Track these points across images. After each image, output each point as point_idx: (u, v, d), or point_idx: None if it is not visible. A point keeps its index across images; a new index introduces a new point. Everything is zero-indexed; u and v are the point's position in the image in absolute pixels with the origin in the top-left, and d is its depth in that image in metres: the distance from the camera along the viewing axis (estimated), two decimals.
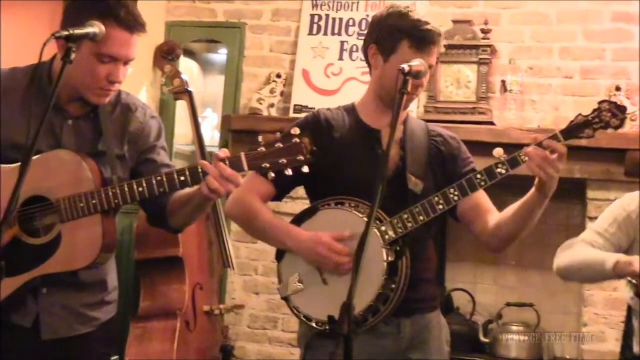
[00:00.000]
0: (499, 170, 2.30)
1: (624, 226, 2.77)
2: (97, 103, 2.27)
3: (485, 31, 4.32)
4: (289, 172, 2.06)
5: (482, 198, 2.49)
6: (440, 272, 4.45)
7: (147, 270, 3.76)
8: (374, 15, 2.56)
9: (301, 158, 2.05)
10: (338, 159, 2.43)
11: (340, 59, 4.56)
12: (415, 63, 2.23)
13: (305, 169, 2.07)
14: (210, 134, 5.02)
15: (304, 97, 4.54)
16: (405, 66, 2.19)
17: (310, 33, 4.63)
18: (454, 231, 4.42)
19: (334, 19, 4.61)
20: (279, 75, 4.60)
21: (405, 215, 2.33)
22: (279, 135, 2.07)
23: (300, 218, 2.45)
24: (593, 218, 4.09)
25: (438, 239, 2.83)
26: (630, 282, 2.73)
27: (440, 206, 2.34)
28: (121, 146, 2.34)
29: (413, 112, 4.02)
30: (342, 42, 4.57)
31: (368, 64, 2.53)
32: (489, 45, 4.29)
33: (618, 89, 4.09)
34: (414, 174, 2.45)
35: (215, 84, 5.14)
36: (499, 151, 2.31)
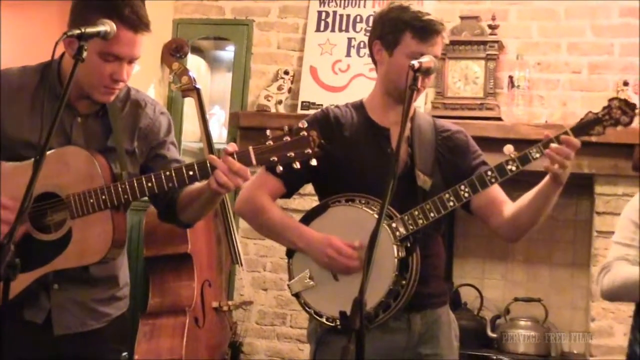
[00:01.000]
0: (510, 167, 2.30)
1: None
2: (103, 101, 2.27)
3: (493, 27, 4.31)
4: (297, 166, 2.07)
5: (496, 191, 2.49)
6: (448, 268, 4.45)
7: (156, 267, 3.77)
8: (377, 12, 2.59)
9: (309, 151, 2.06)
10: (347, 156, 2.44)
11: (348, 55, 4.56)
12: (426, 59, 2.24)
13: (314, 162, 2.07)
14: (218, 131, 5.02)
15: (311, 94, 4.54)
16: (416, 62, 2.19)
17: (318, 30, 4.63)
18: (462, 227, 4.42)
19: (342, 16, 4.61)
20: (286, 72, 4.60)
21: (416, 212, 2.34)
22: (287, 129, 2.08)
23: (311, 215, 2.46)
24: (601, 213, 4.09)
25: (446, 235, 2.84)
26: None
27: (451, 203, 2.34)
28: (131, 142, 2.34)
29: (421, 108, 4.01)
30: (350, 39, 4.57)
31: (374, 61, 2.53)
32: (496, 41, 4.29)
33: (626, 84, 4.09)
34: (422, 171, 2.45)
35: (223, 81, 5.14)
36: (509, 148, 2.31)
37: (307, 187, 2.61)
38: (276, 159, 2.06)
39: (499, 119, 4.22)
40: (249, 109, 4.67)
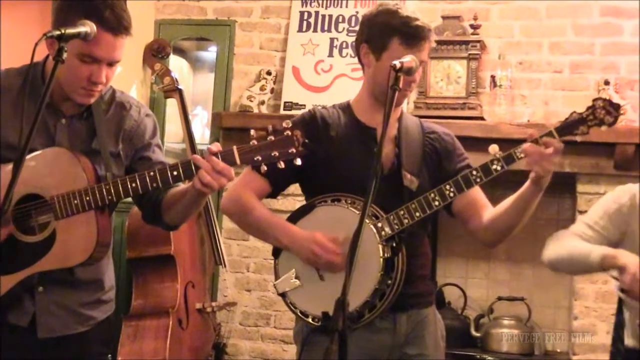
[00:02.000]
0: (495, 167, 2.30)
1: (615, 219, 2.77)
2: (82, 103, 2.25)
3: (475, 27, 4.32)
4: (282, 165, 2.07)
5: (478, 194, 2.50)
6: (432, 268, 4.45)
7: (139, 269, 3.76)
8: (364, 14, 2.56)
9: (293, 151, 2.06)
10: (334, 156, 2.43)
11: (330, 55, 4.55)
12: (407, 59, 2.24)
13: (298, 162, 2.07)
14: (201, 132, 5.01)
15: (294, 94, 4.54)
16: (397, 62, 2.19)
17: (300, 30, 4.62)
18: (445, 227, 4.42)
19: (324, 16, 4.61)
20: (269, 73, 4.60)
21: (402, 212, 2.34)
22: (271, 129, 2.07)
23: (297, 215, 2.45)
24: (583, 212, 4.09)
25: (431, 235, 2.85)
26: (613, 277, 2.73)
27: (437, 202, 2.34)
28: (116, 144, 2.33)
29: (404, 108, 4.01)
30: (332, 39, 4.57)
31: (361, 63, 2.53)
32: (478, 41, 4.30)
33: (607, 83, 4.11)
34: (409, 171, 2.45)
35: (206, 82, 5.12)
36: (494, 148, 2.31)
37: (290, 188, 2.61)
38: (260, 158, 2.06)
39: (482, 119, 4.24)
40: (232, 109, 4.66)
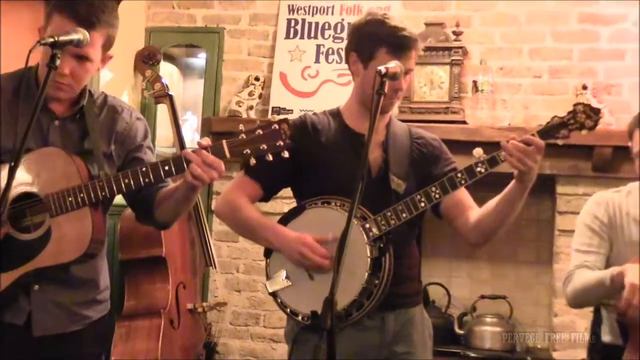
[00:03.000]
0: (479, 169, 2.31)
1: (602, 233, 2.79)
2: (54, 97, 2.23)
3: (457, 33, 4.34)
4: (270, 158, 2.07)
5: (464, 195, 2.50)
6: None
7: (131, 271, 3.74)
8: (353, 23, 2.57)
9: (280, 143, 2.07)
10: (324, 161, 2.44)
11: (317, 61, 4.56)
12: (392, 65, 2.24)
13: (285, 154, 2.08)
14: (191, 137, 5.00)
15: (282, 99, 4.54)
16: (382, 68, 2.19)
17: (288, 37, 4.63)
18: (430, 228, 4.43)
19: (310, 23, 4.61)
20: (257, 79, 4.60)
21: (389, 213, 2.34)
22: (259, 123, 2.09)
23: (288, 217, 2.45)
24: (563, 212, 4.13)
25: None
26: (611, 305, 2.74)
27: (423, 204, 2.35)
28: (108, 145, 2.33)
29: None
30: (319, 46, 4.58)
31: (351, 71, 2.53)
32: (460, 47, 4.32)
33: (585, 87, 4.13)
34: (396, 174, 2.46)
35: (195, 88, 5.11)
36: (479, 151, 2.32)
37: (281, 191, 2.61)
38: (249, 151, 2.07)
39: (464, 122, 4.25)
40: (221, 114, 4.66)
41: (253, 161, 2.08)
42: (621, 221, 2.77)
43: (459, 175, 2.34)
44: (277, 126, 2.07)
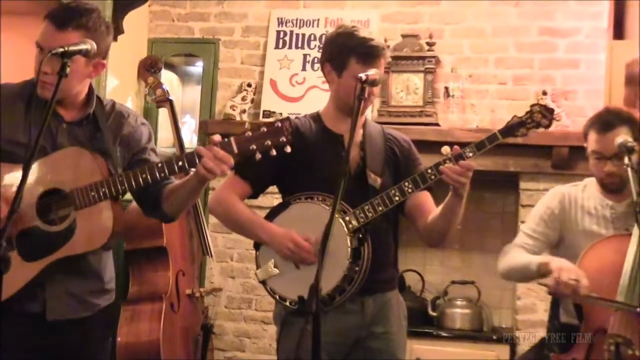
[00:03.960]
0: (447, 165, 2.31)
1: (550, 223, 2.81)
2: (41, 96, 2.20)
3: (430, 44, 4.34)
4: (274, 153, 2.08)
5: (426, 198, 2.51)
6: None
7: (135, 259, 3.72)
8: (326, 36, 2.56)
9: (283, 139, 2.08)
10: (307, 160, 2.43)
11: (304, 69, 4.56)
12: (371, 72, 2.23)
13: (288, 149, 2.09)
14: (189, 138, 4.98)
15: (272, 104, 4.53)
16: (363, 75, 2.18)
17: (277, 47, 4.62)
18: (405, 221, 4.43)
19: (298, 35, 4.61)
20: (249, 85, 4.59)
21: (367, 207, 2.35)
22: (264, 121, 2.10)
23: (275, 211, 2.46)
24: (525, 206, 4.15)
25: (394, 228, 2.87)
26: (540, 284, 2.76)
27: (397, 197, 2.36)
28: (114, 148, 2.32)
29: (368, 115, 4.02)
30: (305, 55, 4.57)
31: (327, 80, 2.53)
32: (433, 57, 4.33)
33: (545, 93, 4.14)
34: (373, 171, 2.46)
35: (193, 93, 5.09)
36: (446, 149, 2.33)
37: (270, 188, 2.60)
38: (255, 147, 2.08)
39: (437, 125, 4.26)
40: (217, 117, 4.65)
41: (259, 156, 2.09)
42: (575, 213, 2.79)
43: (429, 171, 2.34)
44: (280, 124, 2.09)
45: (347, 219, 2.34)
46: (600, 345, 2.48)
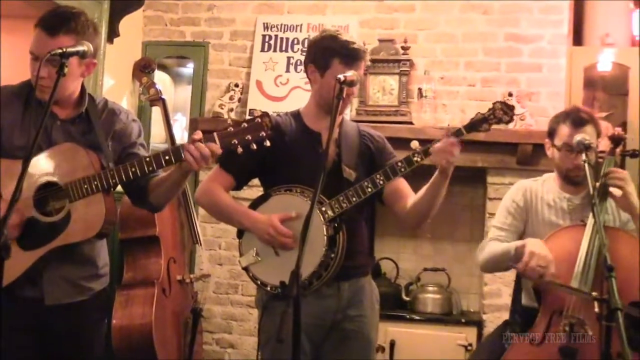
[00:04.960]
0: (416, 158, 2.33)
1: (516, 214, 2.83)
2: (40, 98, 2.20)
3: (405, 48, 4.35)
4: (254, 147, 2.08)
5: (403, 184, 2.52)
6: (371, 245, 4.48)
7: (130, 248, 3.71)
8: (310, 39, 2.56)
9: (263, 134, 2.08)
10: (287, 156, 2.44)
11: (287, 71, 4.55)
12: (350, 74, 2.25)
13: (267, 144, 2.09)
14: (181, 134, 4.97)
15: (257, 103, 4.52)
16: (341, 76, 2.19)
17: (263, 50, 4.62)
18: (381, 212, 4.43)
19: (282, 39, 4.60)
20: (237, 85, 4.58)
21: (341, 198, 2.36)
22: (245, 118, 2.10)
23: (257, 202, 2.46)
24: (492, 199, 4.18)
25: (369, 219, 2.86)
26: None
27: (369, 189, 2.36)
28: (106, 142, 2.32)
29: (347, 115, 4.04)
30: (289, 58, 4.57)
31: (309, 80, 2.53)
32: (408, 60, 4.34)
33: (510, 94, 4.16)
34: (348, 165, 2.47)
35: (185, 93, 5.08)
36: (415, 144, 2.35)
37: (254, 181, 2.60)
38: (236, 141, 2.09)
39: (411, 123, 4.27)
40: (206, 115, 4.64)
41: (240, 150, 2.09)
42: (536, 205, 2.82)
43: (399, 164, 2.35)
44: (260, 119, 2.09)
45: (324, 209, 2.35)
46: (557, 325, 2.52)
